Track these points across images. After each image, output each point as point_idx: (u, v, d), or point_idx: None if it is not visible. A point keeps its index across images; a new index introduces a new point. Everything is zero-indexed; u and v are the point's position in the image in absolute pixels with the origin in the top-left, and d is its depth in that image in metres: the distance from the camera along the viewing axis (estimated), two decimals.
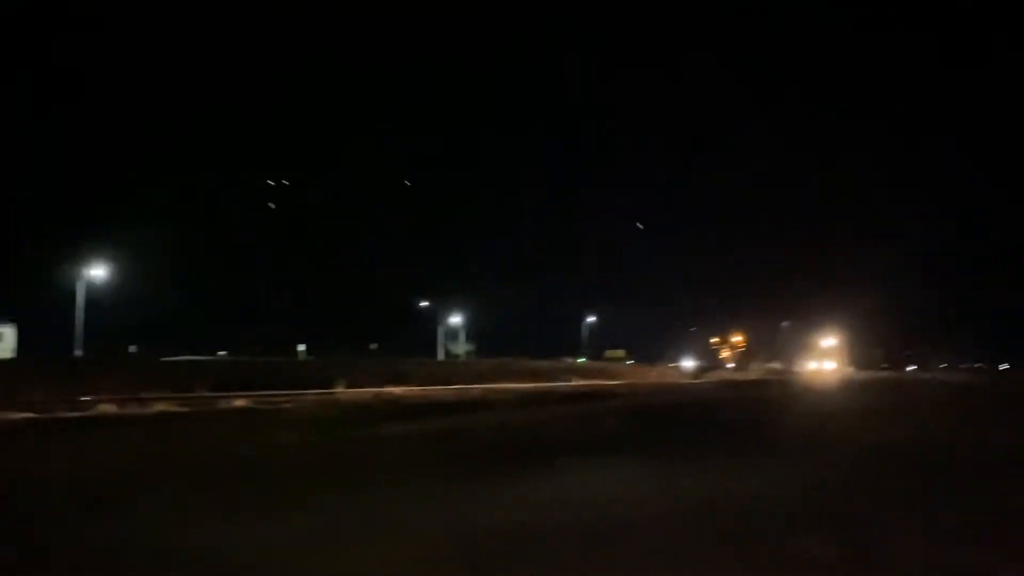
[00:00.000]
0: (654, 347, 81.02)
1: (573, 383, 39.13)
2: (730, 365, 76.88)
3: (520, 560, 5.40)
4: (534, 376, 40.59)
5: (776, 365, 74.84)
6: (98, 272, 42.70)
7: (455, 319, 64.81)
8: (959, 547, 5.78)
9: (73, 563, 5.27)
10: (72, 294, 41.45)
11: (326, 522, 6.36)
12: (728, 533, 6.25)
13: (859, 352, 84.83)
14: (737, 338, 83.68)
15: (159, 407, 17.77)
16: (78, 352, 39.04)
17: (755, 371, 65.08)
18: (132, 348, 45.60)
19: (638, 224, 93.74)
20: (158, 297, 55.69)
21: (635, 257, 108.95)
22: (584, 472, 9.39)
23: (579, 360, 65.94)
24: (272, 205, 64.70)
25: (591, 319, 73.81)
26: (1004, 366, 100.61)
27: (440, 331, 63.37)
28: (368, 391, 24.85)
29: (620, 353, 73.77)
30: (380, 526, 6.29)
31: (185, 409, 17.65)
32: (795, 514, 6.98)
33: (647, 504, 7.37)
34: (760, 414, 20.39)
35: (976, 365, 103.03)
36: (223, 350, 51.17)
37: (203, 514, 6.51)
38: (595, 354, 71.54)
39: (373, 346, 59.53)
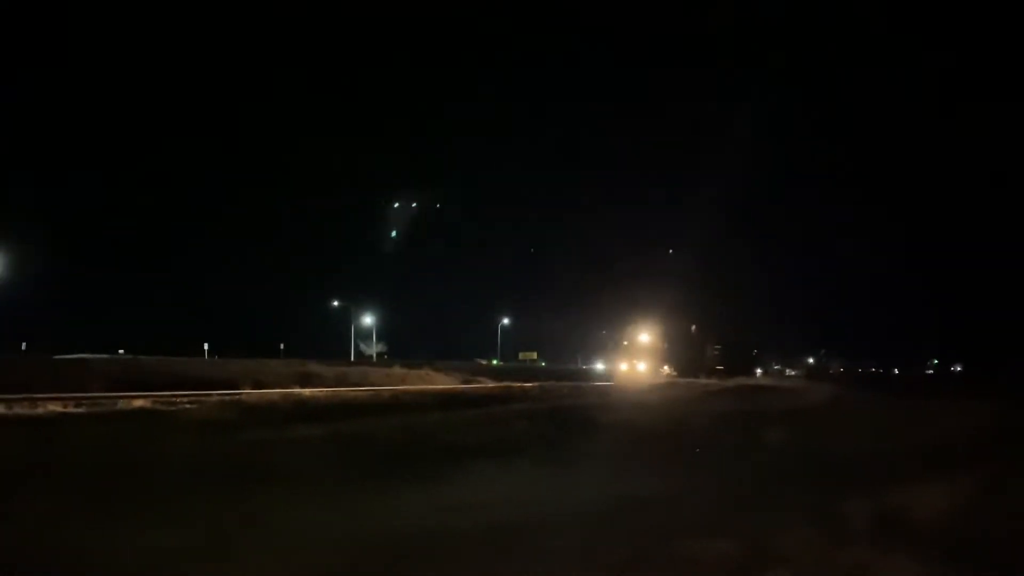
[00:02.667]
0: (567, 349, 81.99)
1: (486, 384, 39.16)
2: (640, 367, 78.20)
3: (414, 570, 5.35)
4: (448, 377, 40.48)
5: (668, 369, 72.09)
6: None
7: (368, 319, 64.12)
8: None
9: None
10: None
11: (215, 531, 6.14)
12: (630, 534, 6.37)
13: (681, 351, 68.24)
14: (646, 340, 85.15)
15: (51, 407, 16.92)
16: None
17: (664, 374, 66.28)
18: (23, 345, 43.35)
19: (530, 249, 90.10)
20: (51, 293, 53.17)
21: (549, 259, 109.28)
22: (490, 475, 9.41)
23: (493, 361, 66.22)
24: None
25: (505, 321, 74.24)
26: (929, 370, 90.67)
27: (352, 332, 62.54)
28: (275, 392, 24.23)
29: (533, 355, 74.61)
30: (272, 535, 6.15)
31: (79, 410, 16.86)
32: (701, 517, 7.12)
33: (551, 507, 7.43)
34: (668, 417, 20.79)
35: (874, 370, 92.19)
36: (122, 349, 49.08)
37: (86, 521, 6.23)
38: (510, 355, 72.05)
39: (282, 346, 58.27)
